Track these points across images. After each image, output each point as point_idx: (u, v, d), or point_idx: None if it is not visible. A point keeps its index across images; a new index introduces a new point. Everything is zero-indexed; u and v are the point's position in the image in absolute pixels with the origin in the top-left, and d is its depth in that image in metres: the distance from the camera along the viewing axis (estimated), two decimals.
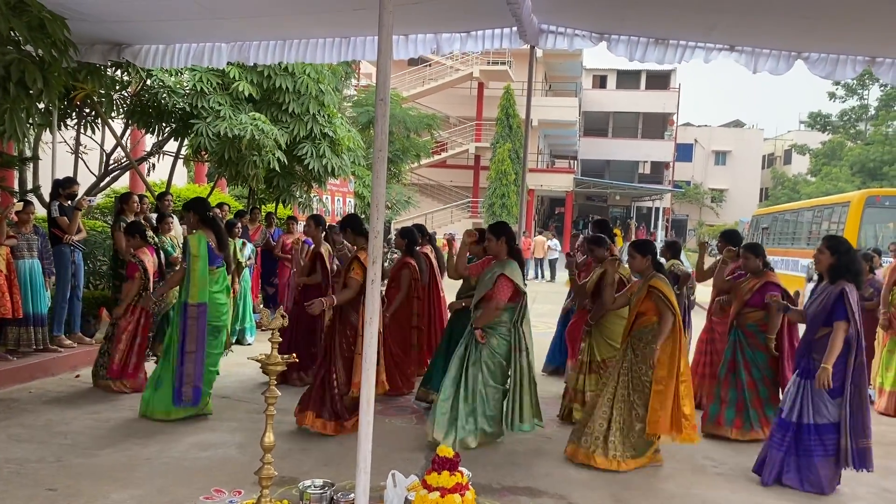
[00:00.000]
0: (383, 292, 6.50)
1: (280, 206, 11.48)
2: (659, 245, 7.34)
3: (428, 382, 6.35)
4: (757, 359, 5.67)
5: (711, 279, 6.64)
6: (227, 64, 8.27)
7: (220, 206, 9.66)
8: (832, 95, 38.79)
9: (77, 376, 6.85)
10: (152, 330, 6.89)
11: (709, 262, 7.02)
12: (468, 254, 6.10)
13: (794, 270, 14.28)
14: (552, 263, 22.96)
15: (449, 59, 32.06)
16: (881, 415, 6.98)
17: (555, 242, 23.91)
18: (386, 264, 8.70)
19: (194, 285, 5.51)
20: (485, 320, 5.26)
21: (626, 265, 5.75)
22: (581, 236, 8.24)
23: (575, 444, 5.06)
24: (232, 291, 6.46)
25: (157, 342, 6.96)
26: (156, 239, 6.74)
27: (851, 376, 4.61)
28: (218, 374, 5.89)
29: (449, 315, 6.72)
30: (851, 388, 4.62)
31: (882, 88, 36.17)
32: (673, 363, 4.89)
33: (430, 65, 33.06)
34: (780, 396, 5.40)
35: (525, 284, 5.48)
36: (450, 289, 7.15)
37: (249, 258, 8.85)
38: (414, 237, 7.20)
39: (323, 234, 7.16)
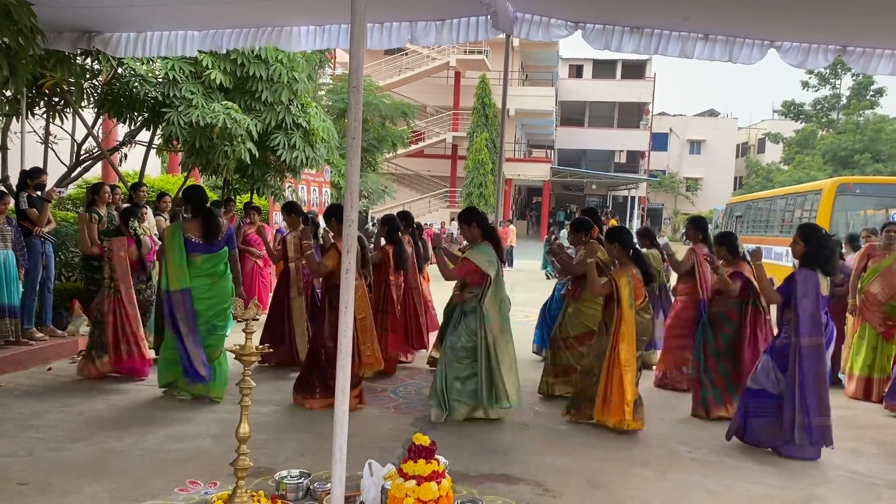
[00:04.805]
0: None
1: (255, 195, 11.36)
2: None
3: None
4: (723, 340, 6.01)
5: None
6: (201, 52, 8.18)
7: None
8: (805, 84, 39.20)
9: (49, 369, 6.75)
10: (146, 316, 6.82)
11: (681, 251, 7.21)
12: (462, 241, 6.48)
13: (767, 258, 14.40)
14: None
15: (425, 47, 31.92)
16: (852, 399, 7.09)
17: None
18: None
19: (171, 273, 5.75)
20: (446, 273, 5.73)
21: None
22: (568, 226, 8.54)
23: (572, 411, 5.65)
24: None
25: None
26: (137, 229, 6.65)
27: (800, 358, 4.94)
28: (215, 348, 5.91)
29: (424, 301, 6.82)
30: (804, 371, 4.94)
31: (854, 78, 36.68)
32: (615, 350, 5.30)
33: (406, 54, 32.90)
34: (740, 377, 5.87)
35: (501, 265, 5.71)
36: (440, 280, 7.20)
37: None
38: (395, 225, 7.29)
39: (301, 220, 7.23)
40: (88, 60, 8.15)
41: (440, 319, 7.20)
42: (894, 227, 7.19)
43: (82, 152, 9.21)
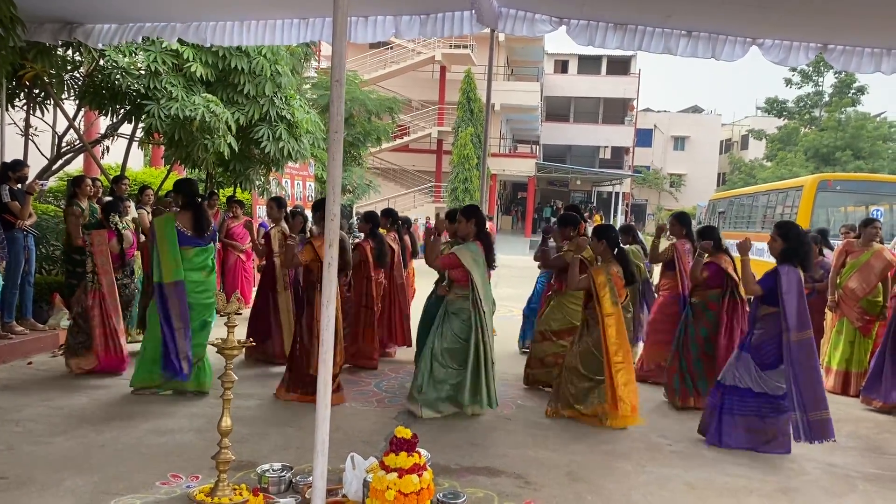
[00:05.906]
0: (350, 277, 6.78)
1: (238, 189, 11.31)
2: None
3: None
4: (701, 333, 6.10)
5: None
6: (182, 45, 8.12)
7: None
8: (788, 82, 39.46)
9: (29, 363, 6.70)
10: (129, 310, 6.79)
11: (664, 244, 7.27)
12: (445, 236, 6.42)
13: (749, 253, 14.52)
14: None
15: (410, 42, 31.80)
16: (830, 393, 7.16)
17: None
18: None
19: (165, 265, 5.67)
20: (430, 259, 5.70)
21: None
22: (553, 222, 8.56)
23: (552, 407, 5.74)
24: None
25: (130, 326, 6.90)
26: (118, 223, 6.61)
27: (791, 353, 4.85)
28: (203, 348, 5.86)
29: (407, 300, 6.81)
30: (796, 366, 4.84)
31: (836, 76, 36.95)
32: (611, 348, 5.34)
33: (391, 48, 32.77)
34: (713, 371, 5.88)
35: (493, 267, 5.69)
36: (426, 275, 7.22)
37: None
38: (377, 221, 7.29)
39: (284, 216, 7.24)
40: (70, 52, 8.07)
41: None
42: (878, 224, 7.30)
43: (64, 145, 9.12)
